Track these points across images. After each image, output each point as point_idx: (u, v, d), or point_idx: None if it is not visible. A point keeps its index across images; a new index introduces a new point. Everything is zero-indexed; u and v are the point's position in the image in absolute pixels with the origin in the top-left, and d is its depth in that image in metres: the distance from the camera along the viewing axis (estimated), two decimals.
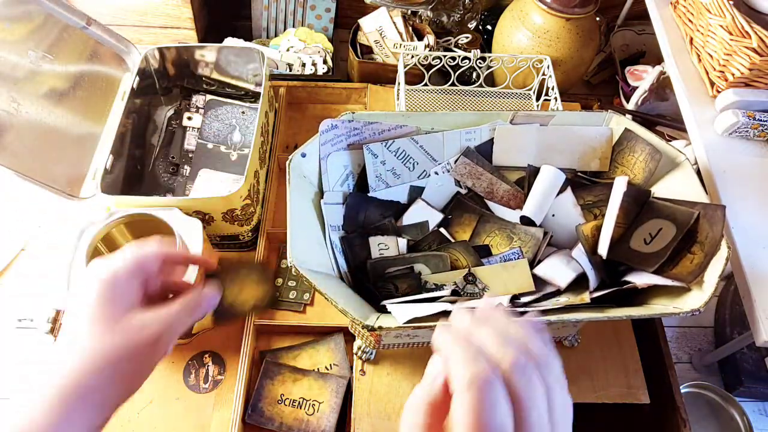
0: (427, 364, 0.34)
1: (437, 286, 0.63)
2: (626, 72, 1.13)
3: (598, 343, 0.74)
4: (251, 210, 0.76)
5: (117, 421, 0.67)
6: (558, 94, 0.86)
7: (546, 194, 0.66)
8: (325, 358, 0.73)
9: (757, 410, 1.25)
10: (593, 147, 0.68)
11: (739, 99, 0.76)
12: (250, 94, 0.92)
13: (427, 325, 0.51)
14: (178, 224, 0.65)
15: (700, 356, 1.29)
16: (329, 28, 1.17)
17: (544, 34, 0.95)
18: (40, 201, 0.84)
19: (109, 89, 0.87)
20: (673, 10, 0.92)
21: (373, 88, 0.99)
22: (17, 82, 0.73)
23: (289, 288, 0.78)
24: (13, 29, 0.74)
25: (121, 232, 0.70)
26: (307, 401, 0.68)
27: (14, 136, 0.70)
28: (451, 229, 0.68)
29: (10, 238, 0.81)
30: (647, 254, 0.59)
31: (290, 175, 0.58)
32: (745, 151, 0.77)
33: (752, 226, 0.69)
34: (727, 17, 0.75)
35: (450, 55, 0.90)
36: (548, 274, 0.62)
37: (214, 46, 0.86)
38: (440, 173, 0.69)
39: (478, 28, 1.15)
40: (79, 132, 0.80)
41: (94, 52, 0.85)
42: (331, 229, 0.63)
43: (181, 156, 0.87)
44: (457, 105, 0.97)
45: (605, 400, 0.70)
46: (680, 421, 0.71)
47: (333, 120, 0.62)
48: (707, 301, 0.52)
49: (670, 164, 0.64)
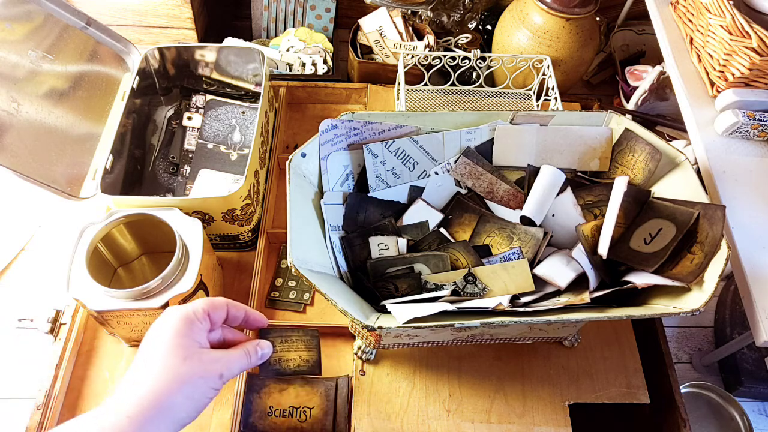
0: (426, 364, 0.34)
1: (437, 286, 0.63)
2: (626, 72, 1.13)
3: (598, 343, 0.74)
4: (251, 210, 0.76)
5: None
6: (558, 94, 0.86)
7: (546, 194, 0.66)
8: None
9: (757, 410, 1.25)
10: (593, 147, 0.68)
11: (739, 99, 0.77)
12: (250, 94, 0.92)
13: (427, 325, 0.51)
14: (178, 224, 0.65)
15: (700, 356, 1.29)
16: (329, 28, 1.17)
17: (544, 34, 0.95)
18: (40, 201, 0.84)
19: (109, 89, 0.87)
20: (673, 10, 0.92)
21: (373, 88, 0.99)
22: (17, 82, 0.73)
23: (289, 288, 0.78)
24: (13, 29, 0.74)
25: (121, 232, 0.70)
26: (298, 409, 0.68)
27: (14, 136, 0.70)
28: (451, 229, 0.68)
29: (10, 238, 0.81)
30: (647, 254, 0.59)
31: (290, 175, 0.58)
32: (745, 151, 0.77)
33: (752, 226, 0.69)
34: (727, 17, 0.75)
35: (450, 55, 0.90)
36: (548, 274, 0.62)
37: (214, 46, 0.86)
38: (440, 173, 0.69)
39: (478, 28, 1.15)
40: (79, 132, 0.80)
41: (94, 52, 0.85)
42: (331, 229, 0.63)
43: (181, 156, 0.87)
44: (457, 105, 0.97)
45: (605, 400, 0.70)
46: (680, 421, 0.71)
47: (333, 120, 0.62)
48: (707, 301, 0.52)
49: (670, 164, 0.64)
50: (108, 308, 0.59)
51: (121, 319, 0.62)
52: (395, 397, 0.68)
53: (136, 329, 0.66)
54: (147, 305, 0.60)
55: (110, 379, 0.70)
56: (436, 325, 0.51)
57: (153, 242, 0.74)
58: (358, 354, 0.70)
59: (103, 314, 0.61)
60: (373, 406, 0.68)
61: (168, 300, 0.60)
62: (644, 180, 0.64)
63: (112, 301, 0.60)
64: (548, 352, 0.73)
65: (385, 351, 0.72)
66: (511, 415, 0.68)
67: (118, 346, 0.72)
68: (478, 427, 0.67)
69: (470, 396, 0.69)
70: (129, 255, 0.74)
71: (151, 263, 0.76)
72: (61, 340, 0.69)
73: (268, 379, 0.69)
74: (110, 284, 0.72)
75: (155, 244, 0.74)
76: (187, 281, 0.62)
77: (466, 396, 0.69)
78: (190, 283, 0.61)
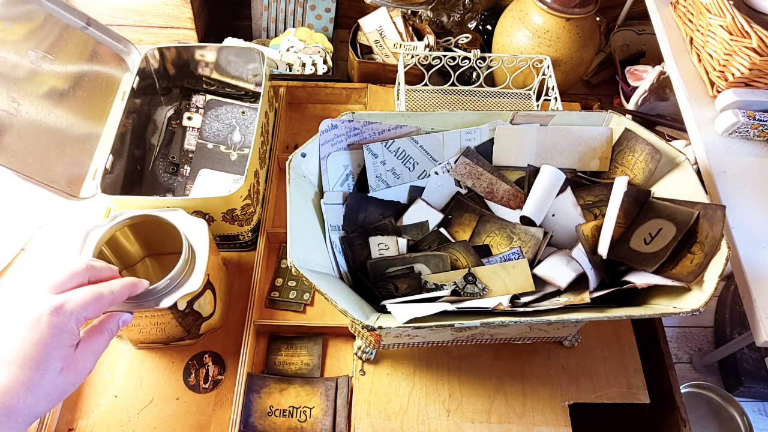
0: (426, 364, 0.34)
1: (437, 286, 0.63)
2: (626, 72, 1.13)
3: (598, 343, 0.74)
4: (251, 210, 0.76)
5: (117, 421, 0.67)
6: (558, 94, 0.86)
7: (546, 194, 0.66)
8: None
9: (757, 410, 1.25)
10: (593, 147, 0.68)
11: (739, 99, 0.77)
12: (250, 94, 0.92)
13: (427, 325, 0.51)
14: (183, 225, 0.65)
15: (700, 356, 1.29)
16: (329, 28, 1.17)
17: (544, 34, 0.95)
18: (40, 201, 0.84)
19: (109, 89, 0.87)
20: (673, 10, 0.92)
21: (373, 88, 0.99)
22: (17, 82, 0.73)
23: (289, 288, 0.78)
24: (13, 29, 0.74)
25: (125, 235, 0.69)
26: (298, 409, 0.68)
27: (14, 136, 0.70)
28: (451, 229, 0.68)
29: (10, 238, 0.81)
30: (647, 254, 0.59)
31: (290, 175, 0.58)
32: (745, 151, 0.77)
33: (752, 226, 0.69)
34: (727, 17, 0.75)
35: (450, 55, 0.90)
36: (548, 274, 0.62)
37: (214, 46, 0.86)
38: (440, 173, 0.69)
39: (478, 28, 1.15)
40: (79, 132, 0.80)
41: (94, 52, 0.85)
42: (331, 229, 0.63)
43: (181, 156, 0.87)
44: (457, 105, 0.97)
45: (605, 400, 0.70)
46: (680, 421, 0.71)
47: (333, 120, 0.62)
48: (707, 301, 0.52)
49: (670, 164, 0.64)
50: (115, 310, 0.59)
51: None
52: (395, 397, 0.68)
53: (144, 331, 0.66)
54: (155, 306, 0.60)
55: (110, 380, 0.70)
56: (436, 325, 0.51)
57: (157, 244, 0.73)
58: (358, 354, 0.70)
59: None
60: (373, 406, 0.68)
61: (176, 300, 0.59)
62: (644, 180, 0.64)
63: (119, 304, 0.59)
64: (548, 352, 0.73)
65: (385, 351, 0.72)
66: (511, 415, 0.68)
67: (118, 346, 0.72)
68: (478, 427, 0.67)
69: (470, 396, 0.69)
70: (133, 257, 0.74)
71: (155, 265, 0.76)
72: None
73: (269, 379, 0.70)
74: None
75: (159, 245, 0.73)
76: (195, 281, 0.61)
77: (466, 396, 0.69)
78: (198, 283, 0.61)
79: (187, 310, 0.63)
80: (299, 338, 0.74)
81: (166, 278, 0.59)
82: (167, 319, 0.63)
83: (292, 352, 0.73)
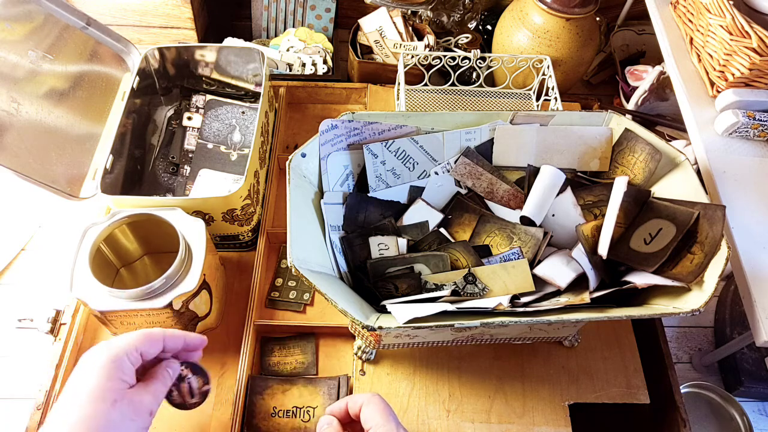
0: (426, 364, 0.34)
1: (437, 286, 0.63)
2: (626, 72, 1.13)
3: (598, 343, 0.74)
4: (251, 210, 0.76)
5: None
6: (558, 94, 0.86)
7: (546, 194, 0.66)
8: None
9: (757, 410, 1.25)
10: (593, 147, 0.68)
11: (739, 99, 0.77)
12: (250, 94, 0.92)
13: (427, 325, 0.51)
14: (181, 225, 0.65)
15: (700, 356, 1.29)
16: (329, 28, 1.17)
17: (544, 34, 0.95)
18: (40, 201, 0.84)
19: (109, 89, 0.87)
20: (673, 10, 0.92)
21: (373, 88, 0.99)
22: (17, 82, 0.73)
23: (289, 288, 0.78)
24: (13, 29, 0.74)
25: (123, 233, 0.70)
26: (301, 409, 0.68)
27: (14, 136, 0.70)
28: (451, 229, 0.68)
29: (10, 238, 0.81)
30: (647, 254, 0.59)
31: (290, 175, 0.58)
32: (745, 151, 0.77)
33: (752, 226, 0.69)
34: (727, 17, 0.75)
35: (450, 55, 0.90)
36: (548, 274, 0.62)
37: (214, 46, 0.86)
38: (440, 173, 0.69)
39: (478, 28, 1.15)
40: (79, 132, 0.80)
41: (94, 52, 0.85)
42: (331, 229, 0.63)
43: (181, 156, 0.87)
44: (457, 105, 0.97)
45: (605, 400, 0.70)
46: (680, 421, 0.72)
47: (333, 120, 0.62)
48: (707, 301, 0.52)
49: (670, 164, 0.64)
50: (111, 308, 0.59)
51: (124, 320, 0.62)
52: (395, 397, 0.68)
53: (140, 329, 0.66)
54: (151, 305, 0.60)
55: None
56: (436, 325, 0.51)
57: (155, 243, 0.74)
58: (358, 354, 0.70)
59: (107, 315, 0.61)
60: None
61: (171, 300, 0.59)
62: (644, 180, 0.64)
63: (116, 302, 0.60)
64: (548, 352, 0.73)
65: (385, 351, 0.72)
66: (511, 415, 0.68)
67: None
68: (478, 427, 0.67)
69: (470, 396, 0.69)
70: (131, 255, 0.74)
71: (153, 264, 0.76)
72: (61, 340, 0.69)
73: (271, 380, 0.70)
74: (113, 285, 0.72)
75: (158, 244, 0.74)
76: (191, 281, 0.62)
77: (466, 396, 0.69)
78: (194, 283, 0.61)
79: (183, 309, 0.63)
80: (291, 338, 0.74)
81: (161, 277, 0.59)
82: (163, 318, 0.63)
83: (285, 351, 0.73)
